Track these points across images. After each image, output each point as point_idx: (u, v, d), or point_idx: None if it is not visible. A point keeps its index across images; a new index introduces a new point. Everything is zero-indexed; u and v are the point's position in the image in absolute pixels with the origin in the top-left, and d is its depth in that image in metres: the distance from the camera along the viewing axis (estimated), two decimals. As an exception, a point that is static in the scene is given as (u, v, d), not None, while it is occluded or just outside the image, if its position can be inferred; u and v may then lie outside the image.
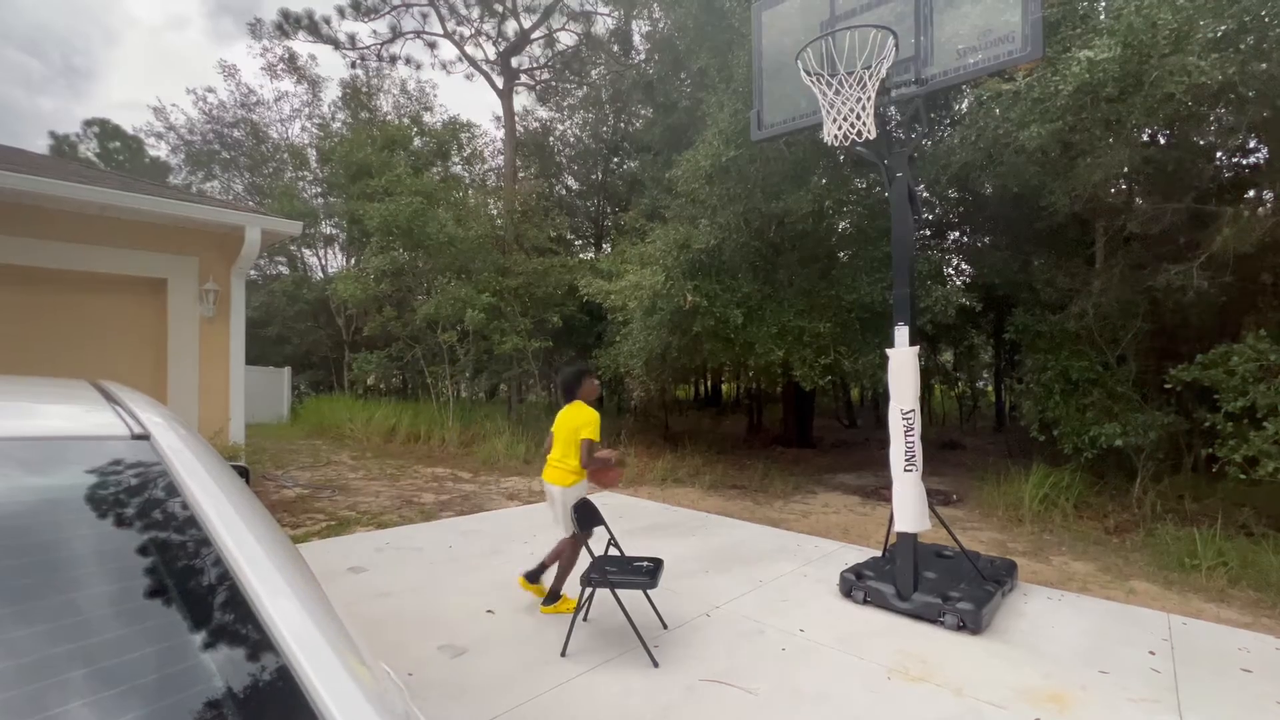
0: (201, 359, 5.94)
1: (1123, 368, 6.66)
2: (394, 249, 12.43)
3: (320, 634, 0.73)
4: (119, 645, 0.69)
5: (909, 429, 3.74)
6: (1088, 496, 6.51)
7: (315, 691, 0.65)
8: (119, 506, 0.84)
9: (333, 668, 0.69)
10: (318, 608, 0.79)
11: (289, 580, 0.79)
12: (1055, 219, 7.15)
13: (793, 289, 8.57)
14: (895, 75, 3.83)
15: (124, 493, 0.85)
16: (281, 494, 6.93)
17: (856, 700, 2.76)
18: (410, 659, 3.05)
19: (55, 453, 0.91)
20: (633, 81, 13.67)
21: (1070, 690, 2.87)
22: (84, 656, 0.67)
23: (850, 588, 3.97)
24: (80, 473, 0.87)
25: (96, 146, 25.84)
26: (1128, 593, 4.34)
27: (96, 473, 0.88)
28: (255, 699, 0.66)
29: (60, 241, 5.22)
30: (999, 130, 5.93)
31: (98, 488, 0.85)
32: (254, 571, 0.76)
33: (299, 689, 0.66)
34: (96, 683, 0.65)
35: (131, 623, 0.73)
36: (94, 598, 0.75)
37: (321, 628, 0.74)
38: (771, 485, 8.17)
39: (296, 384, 17.64)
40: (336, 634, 0.76)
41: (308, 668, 0.67)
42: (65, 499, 0.85)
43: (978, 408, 17.86)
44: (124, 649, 0.69)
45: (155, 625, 0.73)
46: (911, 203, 3.96)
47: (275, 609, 0.72)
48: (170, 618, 0.73)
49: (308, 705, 0.64)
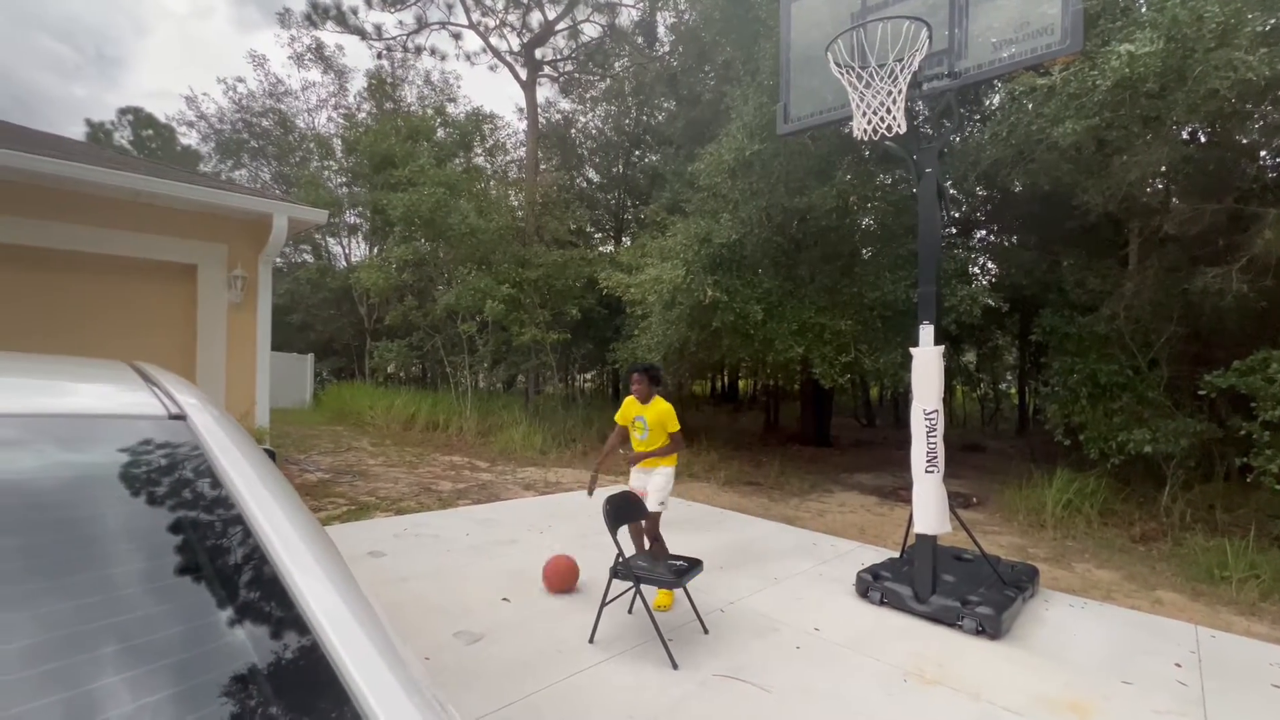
0: (229, 344, 6.07)
1: (1154, 372, 6.48)
2: (416, 239, 12.56)
3: (350, 613, 0.74)
4: (155, 619, 0.71)
5: (931, 430, 3.69)
6: (1113, 503, 6.36)
7: (345, 668, 0.66)
8: (156, 484, 0.86)
9: (362, 645, 0.69)
10: (347, 587, 0.80)
11: (319, 560, 0.80)
12: (1087, 218, 6.97)
13: (814, 285, 8.48)
14: (927, 68, 3.75)
15: (161, 470, 0.87)
16: (304, 478, 7.07)
17: (871, 701, 2.73)
18: (427, 644, 3.09)
19: (95, 430, 0.93)
20: (656, 74, 13.60)
21: (1092, 699, 2.81)
22: (121, 630, 0.68)
23: (866, 588, 3.94)
24: (119, 450, 0.89)
25: (130, 134, 26.46)
26: (1153, 603, 4.24)
27: (135, 450, 0.89)
28: (287, 675, 0.67)
29: (96, 227, 5.35)
30: (1031, 126, 5.78)
31: (136, 465, 0.87)
32: (286, 550, 0.77)
33: (330, 665, 0.67)
34: (133, 655, 0.66)
35: (167, 597, 0.74)
36: (131, 572, 0.76)
37: (351, 607, 0.75)
38: (788, 483, 8.12)
39: (319, 370, 17.95)
40: (365, 613, 0.77)
41: (338, 645, 0.68)
42: (104, 475, 0.86)
43: (1000, 410, 17.55)
44: (159, 623, 0.70)
45: (190, 600, 0.74)
46: (939, 200, 3.88)
47: (306, 587, 0.74)
48: (204, 593, 0.74)
49: (338, 681, 0.65)
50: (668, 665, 2.94)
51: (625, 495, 3.53)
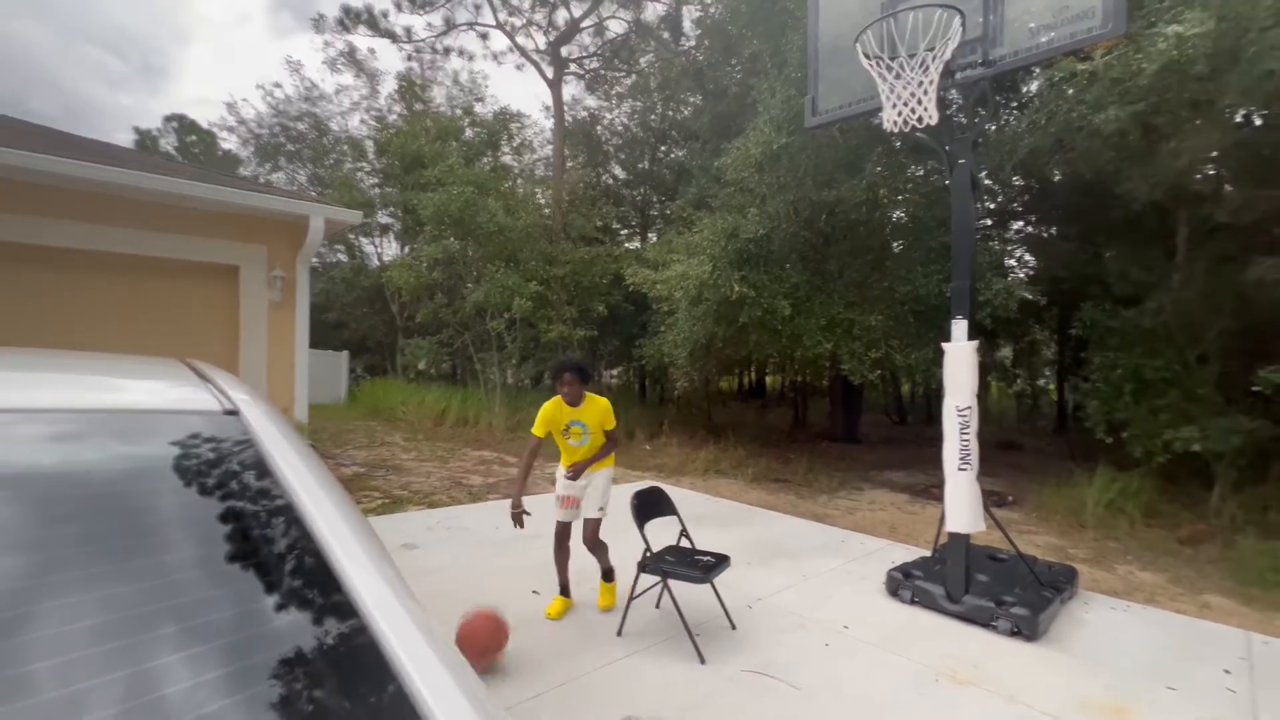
0: (270, 342, 6.28)
1: (1204, 368, 6.21)
2: (446, 238, 12.77)
3: (395, 599, 0.77)
4: (210, 602, 0.75)
5: (964, 427, 3.61)
6: (1158, 504, 6.13)
7: (393, 650, 0.69)
8: (211, 475, 0.91)
9: (408, 629, 0.73)
10: (391, 575, 0.83)
11: (365, 548, 0.84)
12: (1132, 208, 6.70)
13: (843, 280, 8.36)
14: (960, 57, 3.66)
15: (216, 462, 0.92)
16: (340, 472, 7.29)
17: (902, 700, 2.71)
18: (460, 633, 3.16)
19: (155, 424, 0.99)
20: (682, 69, 13.54)
21: (1134, 704, 2.73)
22: (179, 612, 0.73)
23: (897, 586, 3.89)
24: (177, 443, 0.94)
25: (175, 140, 27.49)
26: (1201, 607, 4.08)
27: (191, 443, 0.95)
28: (337, 656, 0.70)
29: (145, 230, 5.59)
30: (1072, 113, 5.59)
31: (193, 457, 0.92)
32: (334, 538, 0.81)
33: (378, 648, 0.70)
34: (190, 636, 0.71)
35: (222, 582, 0.79)
36: (187, 558, 0.81)
37: (396, 593, 0.79)
38: (816, 480, 8.04)
39: (353, 367, 18.43)
40: (410, 600, 0.80)
41: (386, 629, 0.71)
42: (162, 467, 0.92)
43: (1038, 407, 17.02)
44: (215, 605, 0.75)
45: (244, 585, 0.78)
46: (974, 191, 3.79)
47: (354, 574, 0.77)
48: (257, 579, 0.79)
49: (386, 663, 0.68)
50: (695, 660, 2.96)
51: (652, 490, 3.55)
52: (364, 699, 0.67)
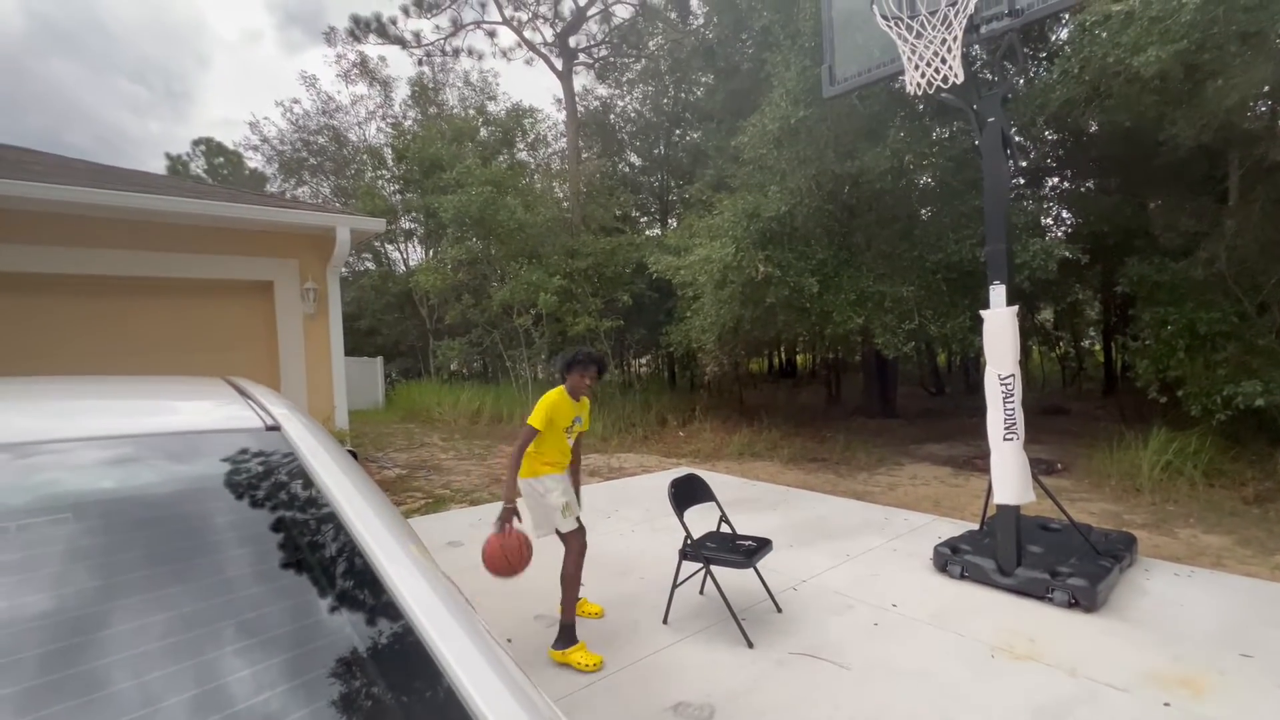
0: (307, 353, 6.47)
1: (1264, 318, 5.88)
2: (468, 239, 12.90)
3: (437, 598, 0.79)
4: (261, 606, 0.78)
5: (1008, 395, 3.49)
6: (1220, 463, 5.84)
7: (436, 648, 0.71)
8: (258, 489, 0.93)
9: (450, 627, 0.74)
10: (432, 575, 0.85)
11: (406, 551, 0.86)
12: (1177, 154, 6.35)
13: (871, 252, 8.16)
14: (984, 9, 3.49)
15: (261, 477, 0.94)
16: (383, 474, 7.49)
17: (958, 678, 2.65)
18: (509, 627, 3.23)
19: (202, 444, 1.02)
20: (692, 48, 13.30)
21: (1205, 674, 2.62)
22: (233, 618, 0.76)
23: (945, 562, 3.81)
24: (224, 460, 0.97)
25: (204, 163, 28.39)
26: (1273, 569, 3.88)
27: (237, 460, 0.97)
28: (383, 655, 0.73)
29: (183, 253, 5.80)
30: (1107, 59, 5.29)
31: (239, 473, 0.95)
32: (377, 543, 0.83)
33: (422, 645, 0.72)
34: (243, 640, 0.74)
35: (271, 588, 0.81)
36: (239, 568, 0.84)
37: (439, 593, 0.80)
38: (854, 457, 7.92)
39: (388, 372, 18.85)
40: (451, 598, 0.81)
41: (429, 627, 0.73)
42: (212, 485, 0.95)
43: (1083, 369, 16.39)
44: (265, 609, 0.78)
45: (295, 591, 0.81)
46: (1005, 149, 3.63)
47: (396, 575, 0.79)
48: (305, 583, 0.81)
49: (430, 659, 0.70)
50: (742, 644, 2.96)
51: (689, 477, 3.54)
52: (413, 697, 0.69)
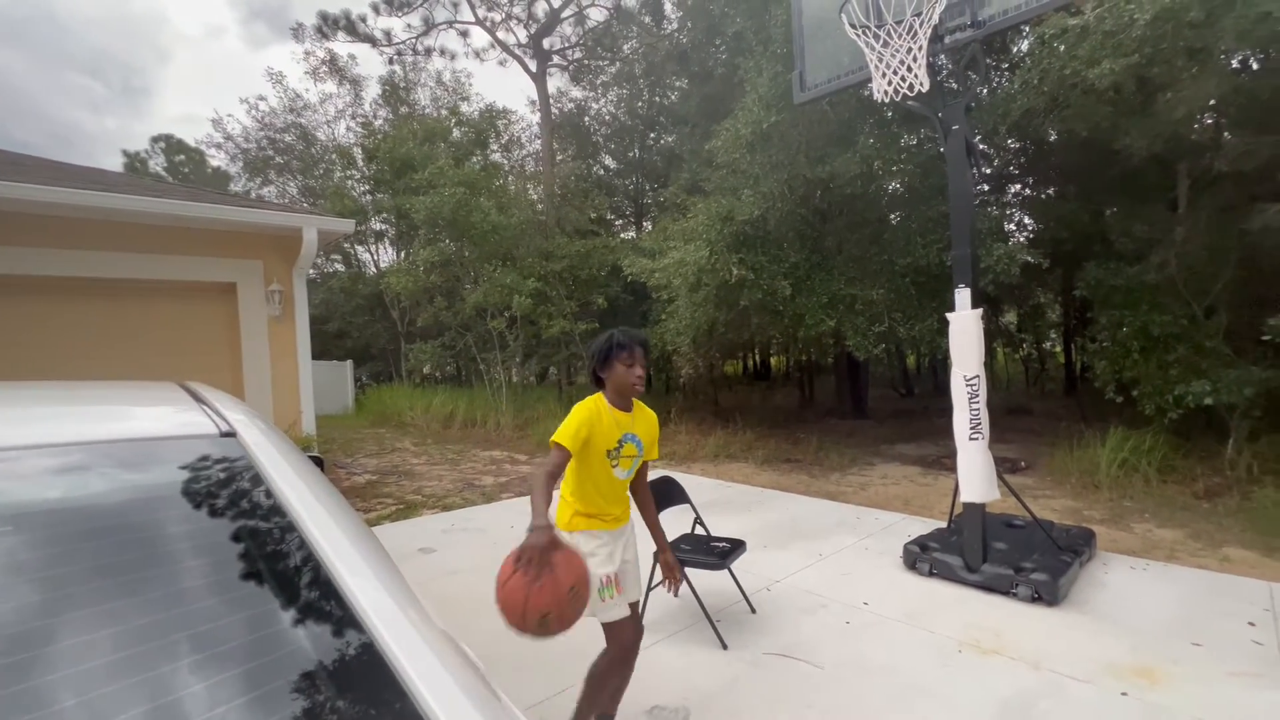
0: (272, 357, 6.28)
1: (1212, 320, 6.15)
2: (441, 240, 12.73)
3: (398, 609, 0.77)
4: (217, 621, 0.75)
5: (974, 396, 3.58)
6: (1173, 460, 6.09)
7: (397, 660, 0.69)
8: (213, 498, 0.90)
9: (411, 639, 0.73)
10: (394, 585, 0.83)
11: (366, 560, 0.84)
12: (1130, 163, 6.61)
13: (842, 256, 8.30)
14: (948, 20, 3.59)
15: (216, 486, 0.91)
16: (352, 480, 7.32)
17: (927, 673, 2.70)
18: (482, 634, 3.16)
19: (155, 451, 0.98)
20: (666, 52, 13.39)
21: (1160, 664, 2.72)
22: (185, 631, 0.73)
23: (915, 560, 3.88)
24: (178, 468, 0.93)
25: (164, 161, 27.44)
26: (1221, 561, 4.06)
27: (192, 468, 0.94)
28: (342, 669, 0.70)
29: (141, 254, 5.59)
30: (1065, 70, 5.49)
31: (193, 482, 0.92)
32: (335, 553, 0.80)
33: (382, 658, 0.70)
34: (194, 655, 0.71)
35: (226, 601, 0.78)
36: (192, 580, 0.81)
37: (399, 603, 0.78)
38: (827, 458, 8.04)
39: (358, 376, 18.48)
40: (413, 609, 0.80)
41: (389, 639, 0.71)
42: (165, 494, 0.91)
43: (1045, 370, 16.94)
44: (221, 625, 0.75)
45: (250, 604, 0.78)
46: (969, 157, 3.73)
47: (356, 587, 0.77)
48: (261, 596, 0.78)
49: (391, 674, 0.68)
50: (717, 646, 2.97)
51: (663, 480, 3.52)
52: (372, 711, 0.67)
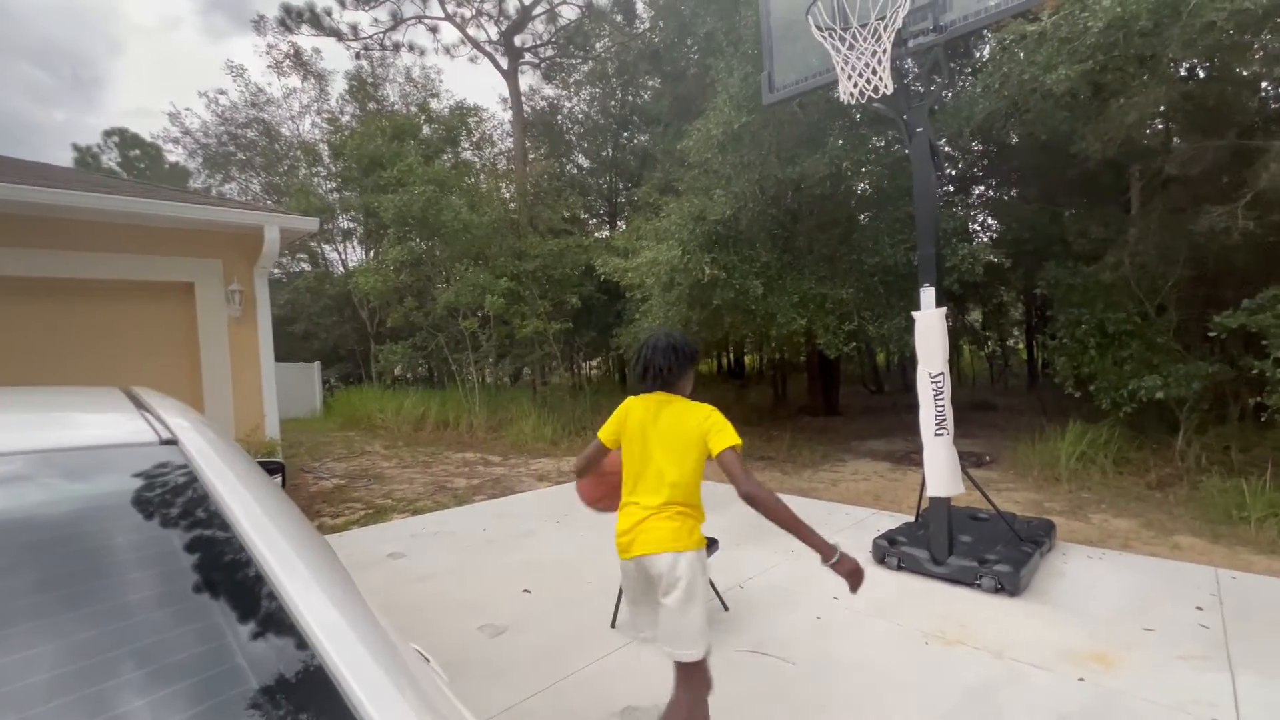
0: (233, 359, 6.09)
1: (1163, 318, 6.41)
2: (410, 239, 12.49)
3: (347, 624, 0.74)
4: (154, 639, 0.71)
5: (939, 393, 3.66)
6: (1127, 452, 6.34)
7: (344, 680, 0.66)
8: (149, 510, 0.85)
9: (360, 656, 0.70)
10: (345, 599, 0.80)
11: (316, 574, 0.80)
12: (1087, 166, 6.84)
13: (813, 256, 8.41)
14: (912, 24, 3.65)
15: (154, 497, 0.87)
16: (319, 485, 7.14)
17: (895, 665, 2.75)
18: (451, 640, 3.13)
19: (88, 461, 0.93)
20: (638, 52, 13.39)
21: (1115, 649, 2.82)
22: (122, 649, 0.69)
23: (883, 554, 3.95)
24: (112, 479, 0.89)
25: (118, 156, 26.39)
26: (1172, 548, 4.23)
27: (128, 478, 0.89)
28: (286, 688, 0.67)
29: (90, 252, 5.35)
30: (1024, 75, 5.65)
31: (129, 493, 0.87)
32: (281, 567, 0.77)
33: (328, 678, 0.67)
34: (134, 673, 0.67)
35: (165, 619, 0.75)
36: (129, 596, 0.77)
37: (349, 618, 0.76)
38: (799, 455, 8.14)
39: (326, 378, 18.03)
40: (364, 623, 0.77)
41: (336, 657, 0.69)
42: (99, 506, 0.87)
43: (1009, 367, 17.46)
44: (159, 643, 0.71)
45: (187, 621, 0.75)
46: (934, 158, 3.81)
47: (303, 602, 0.74)
48: (201, 613, 0.75)
49: (337, 693, 0.65)
50: (690, 645, 2.97)
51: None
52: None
